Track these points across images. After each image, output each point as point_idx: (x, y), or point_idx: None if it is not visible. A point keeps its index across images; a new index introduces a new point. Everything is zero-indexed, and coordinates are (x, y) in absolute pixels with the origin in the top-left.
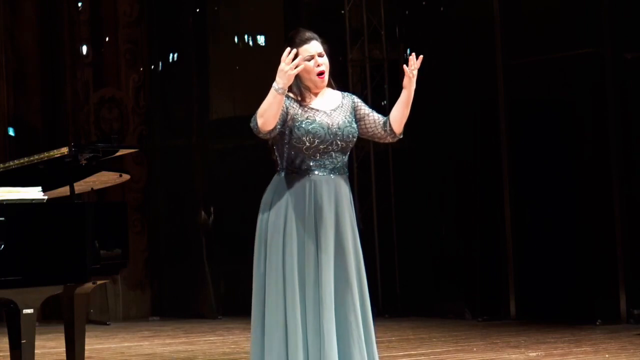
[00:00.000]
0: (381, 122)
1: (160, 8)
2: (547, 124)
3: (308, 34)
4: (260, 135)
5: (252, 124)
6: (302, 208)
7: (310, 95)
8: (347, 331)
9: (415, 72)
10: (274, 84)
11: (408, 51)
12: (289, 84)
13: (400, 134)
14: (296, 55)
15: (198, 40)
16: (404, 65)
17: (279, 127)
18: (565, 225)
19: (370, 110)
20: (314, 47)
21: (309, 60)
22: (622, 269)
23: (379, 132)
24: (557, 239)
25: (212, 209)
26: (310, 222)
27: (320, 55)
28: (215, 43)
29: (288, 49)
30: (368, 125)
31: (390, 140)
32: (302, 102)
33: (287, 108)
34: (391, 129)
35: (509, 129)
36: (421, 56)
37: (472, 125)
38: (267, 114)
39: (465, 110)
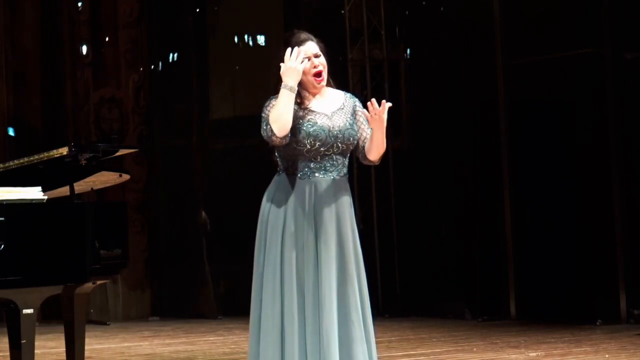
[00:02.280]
0: (363, 144)
1: (160, 8)
2: (547, 124)
3: (303, 36)
4: (276, 142)
5: (266, 134)
6: (302, 209)
7: (309, 97)
8: (349, 331)
9: (385, 116)
10: (284, 85)
11: (408, 51)
12: (299, 80)
13: (377, 162)
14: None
15: (198, 40)
16: (364, 111)
17: None
18: (565, 225)
19: (366, 125)
20: (310, 48)
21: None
22: (622, 269)
23: (359, 152)
24: (557, 239)
25: (212, 209)
26: (310, 223)
27: (316, 56)
28: (215, 43)
29: (289, 49)
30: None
31: (366, 163)
32: (301, 104)
33: None
34: (365, 155)
35: (509, 129)
36: (388, 104)
37: (472, 125)
38: (284, 117)
39: (465, 110)
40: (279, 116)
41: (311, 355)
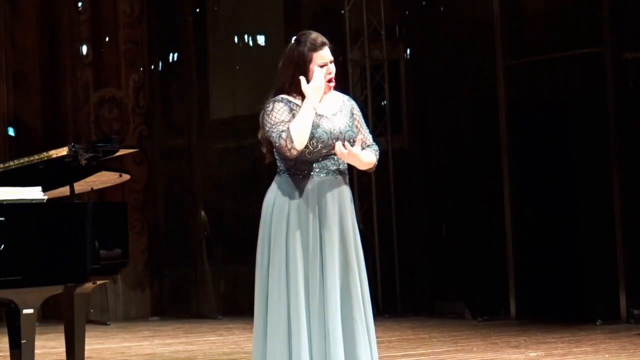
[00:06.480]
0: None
1: (160, 8)
2: (547, 124)
3: (321, 39)
4: (294, 154)
5: (284, 143)
6: (305, 208)
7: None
8: (353, 330)
9: (356, 150)
10: (310, 101)
11: (408, 51)
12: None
13: (371, 171)
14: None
15: (198, 40)
16: (337, 152)
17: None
18: (565, 225)
19: (363, 130)
20: (328, 54)
21: (322, 66)
22: (622, 269)
23: None
24: (557, 239)
25: (212, 209)
26: (315, 222)
27: (331, 62)
28: (215, 43)
29: (317, 68)
30: None
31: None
32: None
33: (292, 112)
34: None
35: (509, 128)
36: (351, 148)
37: (472, 125)
38: (305, 131)
39: (465, 110)
40: (301, 130)
41: (317, 354)
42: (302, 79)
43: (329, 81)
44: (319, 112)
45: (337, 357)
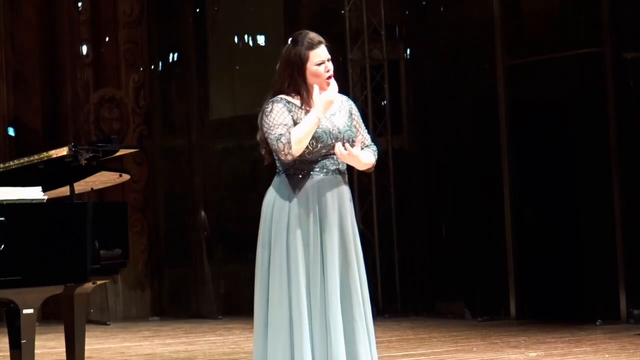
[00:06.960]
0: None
1: (160, 8)
2: (547, 124)
3: (318, 38)
4: (289, 159)
5: (282, 147)
6: (305, 208)
7: (312, 100)
8: (353, 329)
9: (356, 150)
10: (318, 113)
11: (408, 51)
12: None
13: (369, 171)
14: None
15: (198, 40)
16: (337, 153)
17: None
18: (565, 225)
19: (362, 130)
20: (325, 52)
21: (319, 64)
22: (622, 269)
23: None
24: (557, 239)
25: (212, 209)
26: (316, 221)
27: (329, 60)
28: (215, 43)
29: (334, 83)
30: None
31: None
32: (305, 106)
33: (291, 113)
34: None
35: (509, 128)
36: (351, 149)
37: (472, 125)
38: (306, 140)
39: (465, 110)
40: (302, 138)
41: (319, 354)
42: (316, 87)
43: (328, 78)
44: None
45: (338, 357)
